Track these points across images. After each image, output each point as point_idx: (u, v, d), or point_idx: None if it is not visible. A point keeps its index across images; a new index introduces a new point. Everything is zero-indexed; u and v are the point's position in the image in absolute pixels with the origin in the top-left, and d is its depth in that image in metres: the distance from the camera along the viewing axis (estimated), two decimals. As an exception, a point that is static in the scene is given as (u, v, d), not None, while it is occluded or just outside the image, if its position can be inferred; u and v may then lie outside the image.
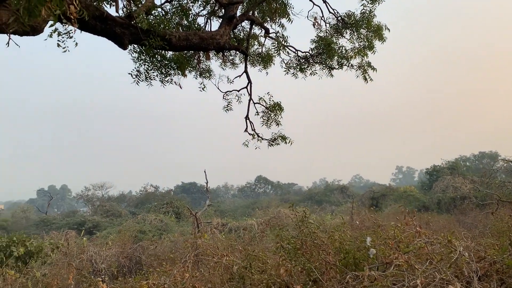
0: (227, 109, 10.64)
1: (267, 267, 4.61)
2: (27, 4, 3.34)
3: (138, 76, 8.83)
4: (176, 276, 4.51)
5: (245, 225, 23.31)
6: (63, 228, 34.69)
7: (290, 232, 5.51)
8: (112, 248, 15.20)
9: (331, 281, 4.15)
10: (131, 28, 6.98)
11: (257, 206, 46.42)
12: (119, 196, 65.60)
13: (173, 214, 39.14)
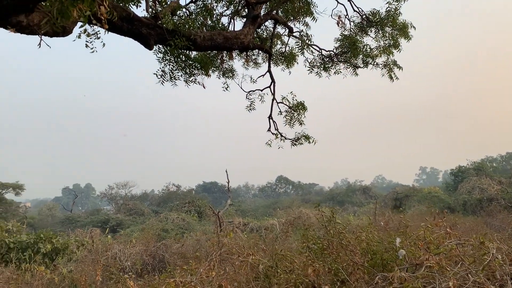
0: (250, 108, 10.66)
1: (295, 266, 4.59)
2: (59, 5, 3.40)
3: (163, 76, 8.95)
4: (202, 274, 4.54)
5: (267, 225, 23.29)
6: (88, 226, 35.40)
7: (316, 232, 5.47)
8: (136, 246, 15.41)
9: (358, 281, 4.11)
10: (157, 29, 7.07)
11: (278, 206, 46.32)
12: (141, 195, 66.49)
13: (195, 213, 39.43)
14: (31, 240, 17.41)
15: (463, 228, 15.28)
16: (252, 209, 52.90)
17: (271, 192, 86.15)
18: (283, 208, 39.83)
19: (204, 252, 14.67)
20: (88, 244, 19.81)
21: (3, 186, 48.34)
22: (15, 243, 17.08)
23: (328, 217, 5.09)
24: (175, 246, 16.69)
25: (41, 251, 17.10)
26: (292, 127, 10.11)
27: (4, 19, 3.14)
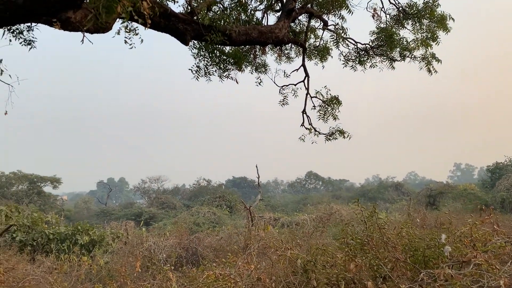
0: (283, 103, 10.63)
1: (337, 262, 4.55)
2: (105, 1, 3.47)
3: (198, 71, 9.04)
4: (241, 267, 4.58)
5: (298, 220, 23.23)
6: (122, 218, 36.31)
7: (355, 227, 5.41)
8: (170, 239, 15.68)
9: (401, 278, 4.04)
10: (193, 24, 7.13)
11: (307, 202, 46.14)
12: (173, 189, 67.64)
13: (228, 208, 39.77)
14: (69, 232, 18.01)
15: (504, 226, 14.74)
16: (281, 205, 52.91)
17: (301, 187, 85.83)
18: (313, 204, 39.64)
19: (237, 246, 14.79)
20: (123, 237, 20.34)
21: (42, 179, 50.25)
22: (54, 235, 17.70)
23: (368, 212, 5.01)
24: (207, 239, 16.90)
25: (78, 242, 17.67)
26: (326, 121, 10.02)
27: (54, 15, 3.24)
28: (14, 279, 6.77)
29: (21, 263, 10.45)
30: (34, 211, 24.73)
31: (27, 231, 17.72)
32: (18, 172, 49.55)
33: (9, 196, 45.59)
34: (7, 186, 49.11)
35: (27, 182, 49.53)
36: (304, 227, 19.95)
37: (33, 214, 19.57)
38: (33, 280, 6.97)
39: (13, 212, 19.16)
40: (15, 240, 16.82)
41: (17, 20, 3.23)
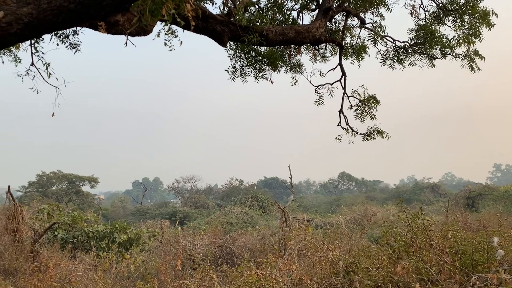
0: (319, 103, 10.52)
1: (383, 264, 4.46)
2: (151, 4, 3.54)
3: (234, 72, 9.10)
4: (282, 267, 4.57)
5: (332, 221, 22.97)
6: (157, 217, 36.97)
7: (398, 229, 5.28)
8: (205, 238, 15.86)
9: (449, 281, 3.91)
10: (230, 26, 7.18)
11: (340, 203, 45.55)
12: (206, 188, 68.34)
13: (261, 208, 39.82)
14: (107, 230, 18.46)
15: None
16: (314, 205, 52.51)
17: (333, 188, 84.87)
18: (346, 205, 39.11)
19: (273, 246, 14.78)
20: (158, 235, 20.72)
21: (80, 179, 51.91)
22: (93, 233, 18.19)
23: (412, 214, 4.89)
24: (241, 239, 16.97)
25: (116, 240, 18.09)
26: (363, 121, 9.85)
27: (104, 18, 3.33)
28: (60, 275, 7.03)
29: (63, 259, 10.83)
30: (74, 209, 25.58)
31: (68, 229, 18.30)
32: (58, 172, 51.41)
33: (49, 195, 47.33)
34: (47, 185, 51.03)
35: (66, 181, 51.29)
36: (339, 229, 19.71)
37: (73, 213, 20.21)
38: (77, 276, 7.21)
39: (55, 210, 19.84)
40: (57, 238, 17.43)
41: (69, 24, 3.34)
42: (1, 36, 3.17)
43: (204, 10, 6.97)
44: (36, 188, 50.36)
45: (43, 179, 50.74)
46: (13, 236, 12.53)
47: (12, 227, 12.47)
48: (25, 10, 3.15)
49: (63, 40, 5.70)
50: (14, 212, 12.45)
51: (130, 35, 6.09)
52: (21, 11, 3.15)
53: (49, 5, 3.15)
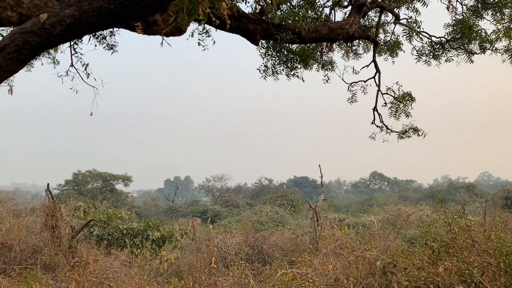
0: (352, 101, 10.39)
1: (424, 264, 4.34)
2: (189, 3, 3.56)
3: (266, 71, 9.08)
4: (318, 267, 4.52)
5: (364, 221, 22.61)
6: (188, 215, 37.43)
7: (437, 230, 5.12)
8: (236, 236, 15.92)
9: (493, 284, 3.76)
10: (262, 24, 7.17)
11: (372, 203, 44.80)
12: (236, 187, 68.76)
13: (291, 207, 39.68)
14: (141, 228, 18.82)
15: None
16: (345, 205, 51.90)
17: (365, 188, 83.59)
18: (378, 205, 38.43)
19: (302, 245, 14.69)
20: (190, 233, 20.97)
21: (114, 177, 53.21)
22: (127, 230, 18.58)
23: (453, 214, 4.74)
24: (272, 238, 16.96)
25: (150, 238, 18.43)
26: (397, 119, 9.64)
27: (143, 18, 3.38)
28: (98, 271, 7.24)
29: (99, 256, 11.12)
30: (108, 207, 26.22)
31: (103, 226, 18.75)
32: (93, 170, 52.87)
33: (85, 193, 48.75)
34: (83, 183, 52.56)
35: (101, 180, 52.68)
36: (371, 229, 19.37)
37: (108, 210, 20.70)
38: (114, 272, 7.40)
39: (90, 208, 20.38)
40: (93, 234, 17.91)
41: (109, 25, 3.41)
42: (45, 37, 3.26)
43: (237, 9, 6.99)
44: (72, 186, 51.98)
45: (79, 178, 52.31)
46: (52, 232, 12.97)
47: (51, 224, 12.90)
48: (68, 11, 3.23)
49: (100, 41, 5.84)
50: (53, 209, 12.87)
51: (165, 36, 6.18)
52: (63, 12, 3.23)
53: (90, 6, 3.22)
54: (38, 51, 3.39)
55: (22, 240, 13.86)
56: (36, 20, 3.27)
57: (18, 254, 13.07)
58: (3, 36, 10.40)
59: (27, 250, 13.62)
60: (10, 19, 4.52)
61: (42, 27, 3.23)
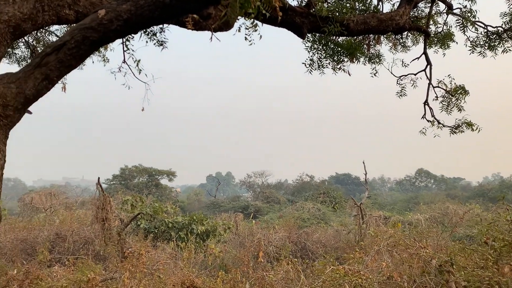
0: (401, 94, 10.06)
1: (488, 264, 4.12)
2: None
3: (311, 65, 8.95)
4: (369, 264, 4.40)
5: (410, 219, 21.96)
6: (230, 210, 37.81)
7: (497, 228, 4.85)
8: (279, 232, 15.91)
9: None
10: (310, 17, 7.05)
11: (418, 201, 43.46)
12: (276, 183, 68.79)
13: (335, 204, 39.18)
14: (186, 221, 19.20)
15: None
16: (389, 203, 50.71)
17: (410, 185, 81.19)
18: (425, 203, 37.22)
19: (347, 242, 14.47)
20: (233, 228, 21.19)
21: (160, 172, 54.67)
22: (172, 223, 19.03)
23: None
24: (315, 235, 16.82)
25: (194, 231, 18.78)
26: (449, 113, 9.24)
27: (196, 12, 3.40)
28: (149, 262, 7.46)
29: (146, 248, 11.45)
30: (154, 201, 26.95)
31: (149, 219, 19.31)
32: (139, 165, 54.56)
33: (131, 187, 50.40)
34: (130, 178, 54.35)
35: (146, 175, 54.29)
36: (418, 227, 18.78)
37: (154, 204, 21.29)
38: (165, 264, 7.59)
39: (137, 202, 21.02)
40: (140, 227, 18.48)
41: (164, 19, 3.45)
42: (103, 33, 3.35)
43: (284, 2, 6.93)
44: (119, 181, 53.86)
45: (125, 173, 54.14)
46: (102, 224, 13.47)
47: (102, 216, 13.40)
48: (124, 7, 3.29)
49: (151, 38, 5.96)
50: (103, 202, 13.36)
51: (214, 31, 6.22)
52: (120, 8, 3.30)
53: (146, 1, 3.27)
54: (96, 46, 3.48)
55: (75, 231, 14.51)
56: (94, 16, 3.37)
57: (71, 244, 13.71)
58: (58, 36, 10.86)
59: (79, 241, 14.26)
60: (68, 17, 4.68)
61: (100, 22, 3.31)
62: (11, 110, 3.48)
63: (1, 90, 3.42)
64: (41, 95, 3.59)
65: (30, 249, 13.68)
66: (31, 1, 4.23)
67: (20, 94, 3.45)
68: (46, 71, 3.40)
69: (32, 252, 13.33)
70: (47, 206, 28.27)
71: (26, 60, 11.23)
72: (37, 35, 10.91)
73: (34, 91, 3.47)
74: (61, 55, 3.41)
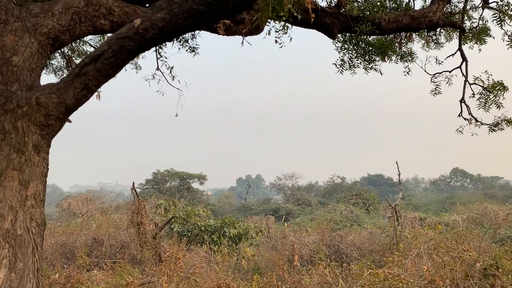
0: (435, 92, 9.80)
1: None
2: (275, 0, 3.53)
3: (342, 65, 8.86)
4: (410, 267, 4.29)
5: (447, 220, 21.35)
6: (261, 213, 37.81)
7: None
8: (312, 235, 15.77)
9: None
10: (340, 17, 6.99)
11: (454, 201, 42.16)
12: (307, 186, 68.34)
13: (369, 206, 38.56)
14: (218, 224, 19.33)
15: None
16: (423, 204, 49.47)
17: (445, 185, 78.94)
18: (462, 204, 36.07)
19: (381, 245, 14.20)
20: (265, 231, 21.16)
21: (191, 176, 55.37)
22: (205, 227, 19.19)
23: None
24: (349, 237, 16.58)
25: (226, 234, 18.87)
26: (487, 111, 8.91)
27: (230, 17, 3.41)
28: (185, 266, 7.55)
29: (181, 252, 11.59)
30: (186, 205, 27.30)
31: (182, 223, 19.55)
32: (171, 170, 55.45)
33: (164, 191, 51.24)
34: (162, 182, 55.31)
35: (178, 179, 55.11)
36: (455, 229, 18.21)
37: (187, 208, 21.55)
38: (201, 268, 7.67)
39: (170, 205, 21.34)
40: (173, 231, 18.74)
41: (197, 26, 3.49)
42: (139, 42, 3.41)
43: (316, 4, 6.90)
44: (151, 185, 54.90)
45: (158, 177, 55.12)
46: (137, 228, 13.75)
47: (137, 221, 13.68)
48: (159, 15, 3.34)
49: (183, 44, 6.04)
50: (138, 206, 13.64)
51: (245, 35, 6.24)
52: (155, 16, 3.35)
53: (180, 9, 3.30)
54: (133, 55, 3.55)
55: (111, 235, 14.85)
56: (130, 25, 3.43)
57: (108, 248, 14.03)
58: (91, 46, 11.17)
59: (116, 245, 14.58)
60: (103, 27, 4.80)
61: (137, 31, 3.38)
62: (53, 119, 3.59)
63: (43, 100, 3.54)
64: (80, 104, 3.69)
65: (69, 253, 14.10)
66: (69, 13, 4.36)
67: (61, 104, 3.56)
68: (85, 80, 3.50)
69: (71, 256, 13.74)
70: (83, 211, 29.13)
71: (62, 70, 11.60)
72: (72, 45, 11.26)
73: (74, 100, 3.56)
74: (99, 64, 3.50)
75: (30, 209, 3.33)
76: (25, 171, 3.38)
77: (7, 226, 3.00)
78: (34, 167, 3.46)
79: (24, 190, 3.35)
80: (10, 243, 2.96)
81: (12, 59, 3.74)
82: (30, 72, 3.92)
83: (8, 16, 3.92)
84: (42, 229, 3.48)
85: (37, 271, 3.20)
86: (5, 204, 3.06)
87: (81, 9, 4.38)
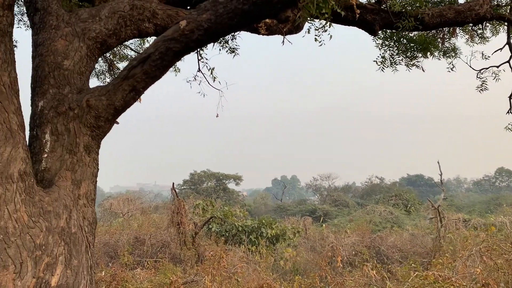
0: (482, 89, 9.41)
1: None
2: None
3: (383, 62, 8.67)
4: (460, 270, 4.12)
5: (493, 222, 20.44)
6: (297, 214, 37.61)
7: None
8: (351, 237, 15.53)
9: None
10: (381, 13, 6.83)
11: (500, 202, 40.37)
12: (344, 186, 67.33)
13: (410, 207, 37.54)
14: (255, 225, 19.38)
15: None
16: (466, 205, 47.68)
17: (489, 186, 75.75)
18: (508, 205, 34.47)
19: (424, 247, 13.80)
20: (302, 232, 21.03)
21: (227, 177, 55.86)
22: (242, 227, 19.27)
23: None
24: (390, 239, 16.21)
25: (264, 235, 18.88)
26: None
27: (274, 16, 3.40)
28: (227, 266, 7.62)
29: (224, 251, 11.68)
30: (224, 205, 27.54)
31: (220, 223, 19.72)
32: (207, 170, 56.17)
33: (200, 192, 51.93)
34: (199, 183, 56.10)
35: (214, 179, 55.74)
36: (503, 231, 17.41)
37: (224, 208, 21.73)
38: (243, 268, 7.70)
39: (208, 206, 21.57)
40: (211, 231, 18.94)
41: (242, 26, 3.51)
42: (185, 43, 3.45)
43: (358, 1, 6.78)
44: (189, 186, 55.78)
45: (195, 178, 55.95)
46: (177, 228, 13.97)
47: (177, 220, 13.90)
48: (205, 16, 3.37)
49: (223, 45, 6.08)
50: (178, 206, 13.86)
51: (285, 34, 6.22)
52: (201, 18, 3.38)
53: (225, 9, 3.32)
54: (179, 56, 3.60)
55: (152, 235, 15.18)
56: (176, 27, 3.48)
57: (149, 248, 14.35)
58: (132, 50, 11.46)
59: (157, 245, 14.89)
60: (148, 30, 4.90)
61: (182, 33, 3.42)
62: (103, 121, 3.69)
63: (93, 103, 3.65)
64: (128, 106, 3.77)
65: (112, 252, 14.52)
66: (115, 18, 4.48)
67: (110, 106, 3.65)
68: (133, 82, 3.57)
69: (114, 255, 14.14)
70: (124, 211, 29.95)
71: (104, 74, 11.95)
72: (113, 49, 11.60)
73: (123, 102, 3.65)
74: (146, 66, 3.56)
75: (82, 208, 3.44)
76: (77, 171, 3.49)
77: (62, 224, 3.10)
78: (85, 167, 3.57)
79: (76, 190, 3.46)
80: (66, 241, 3.06)
81: (63, 63, 3.87)
82: (80, 76, 4.04)
83: (59, 22, 4.06)
84: (93, 228, 3.59)
85: (90, 268, 3.30)
86: (60, 203, 3.16)
87: (126, 13, 4.48)
